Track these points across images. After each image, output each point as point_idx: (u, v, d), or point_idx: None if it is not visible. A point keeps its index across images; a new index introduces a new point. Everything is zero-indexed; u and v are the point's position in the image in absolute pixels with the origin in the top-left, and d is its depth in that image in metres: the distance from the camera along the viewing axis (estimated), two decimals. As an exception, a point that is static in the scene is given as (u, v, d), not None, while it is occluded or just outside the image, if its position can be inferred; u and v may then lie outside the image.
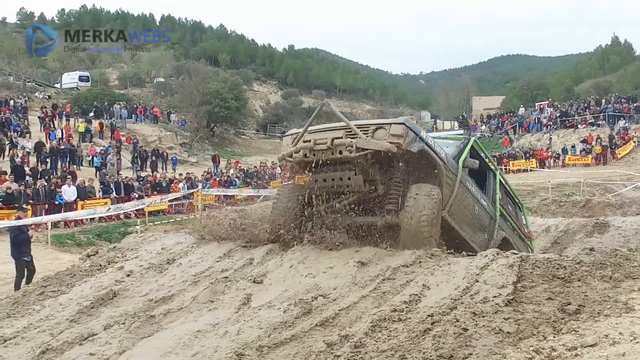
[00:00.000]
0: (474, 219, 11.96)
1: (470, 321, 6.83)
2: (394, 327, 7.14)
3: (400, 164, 10.48)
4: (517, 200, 15.03)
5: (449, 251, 10.03)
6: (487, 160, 13.29)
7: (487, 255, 9.00)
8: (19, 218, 18.75)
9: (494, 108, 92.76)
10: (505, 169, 52.79)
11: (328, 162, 10.15)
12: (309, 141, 10.13)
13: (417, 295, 7.94)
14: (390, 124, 9.99)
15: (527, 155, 57.63)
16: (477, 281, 8.01)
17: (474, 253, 10.48)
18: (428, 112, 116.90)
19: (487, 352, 6.21)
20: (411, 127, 10.06)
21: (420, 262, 9.09)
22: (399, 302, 7.80)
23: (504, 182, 13.94)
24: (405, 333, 6.90)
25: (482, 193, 12.44)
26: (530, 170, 51.72)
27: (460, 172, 11.24)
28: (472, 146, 12.31)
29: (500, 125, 75.06)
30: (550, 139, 62.25)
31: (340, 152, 9.83)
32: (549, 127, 65.77)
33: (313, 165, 10.24)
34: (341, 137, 9.88)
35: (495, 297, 7.37)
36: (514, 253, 9.24)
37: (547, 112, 69.85)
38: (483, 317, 6.91)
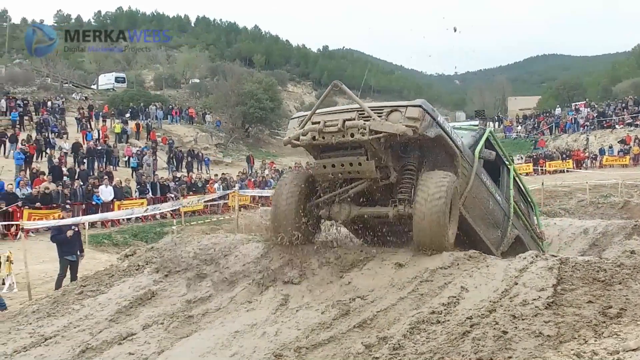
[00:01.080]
0: (488, 215, 11.54)
1: (509, 324, 6.79)
2: (433, 329, 7.11)
3: (415, 149, 9.96)
4: (529, 199, 14.60)
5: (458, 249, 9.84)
6: (501, 153, 12.73)
7: (525, 258, 8.89)
8: (62, 218, 18.99)
9: (530, 108, 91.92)
10: (542, 169, 52.37)
11: (338, 146, 9.46)
12: (318, 123, 9.44)
13: (455, 297, 7.89)
14: (406, 106, 9.36)
15: (564, 156, 57.06)
16: (516, 284, 7.92)
17: (486, 251, 10.59)
18: (463, 113, 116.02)
19: (528, 355, 6.16)
20: (428, 110, 9.41)
21: (458, 264, 8.97)
22: (437, 304, 7.76)
23: (517, 178, 13.50)
24: (444, 335, 6.87)
25: (496, 188, 11.95)
26: (567, 171, 51.22)
27: (476, 163, 10.82)
28: (487, 138, 11.80)
29: (536, 125, 74.46)
30: (587, 139, 61.60)
31: (352, 135, 9.16)
32: (585, 127, 65.07)
33: (321, 149, 9.77)
34: (353, 119, 9.21)
35: (534, 299, 7.30)
36: (553, 255, 9.13)
37: (584, 113, 69.11)
38: (523, 320, 6.85)
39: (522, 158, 59.68)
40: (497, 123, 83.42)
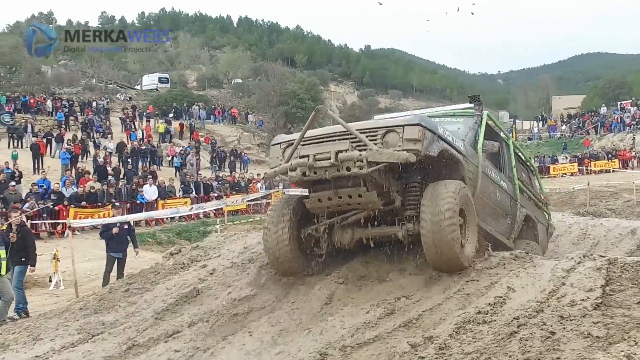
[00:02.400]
0: (497, 207, 10.81)
1: (557, 325, 6.70)
2: (479, 329, 7.04)
3: (417, 164, 8.82)
4: (528, 164, 13.62)
5: None
6: (499, 131, 11.70)
7: (573, 258, 8.78)
8: (113, 215, 19.32)
9: (575, 107, 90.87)
10: (587, 169, 51.74)
11: (333, 179, 8.60)
12: (307, 157, 8.50)
13: (502, 297, 7.79)
14: (403, 125, 8.43)
15: (610, 155, 56.23)
16: (564, 284, 7.81)
17: (498, 244, 10.54)
18: (506, 112, 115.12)
19: (576, 356, 6.07)
20: (428, 126, 8.57)
21: (504, 264, 8.89)
22: (483, 304, 7.67)
23: (516, 150, 12.51)
24: (491, 335, 6.80)
25: (501, 174, 11.12)
26: (613, 171, 50.50)
27: (481, 162, 10.06)
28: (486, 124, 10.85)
29: (581, 125, 73.61)
30: (634, 138, 60.73)
31: (348, 169, 8.27)
32: (632, 126, 64.13)
33: (314, 181, 8.89)
34: (347, 150, 8.30)
35: (583, 300, 7.19)
36: (601, 256, 8.97)
37: (631, 111, 68.12)
38: (571, 320, 6.75)
39: (566, 158, 59.08)
40: (541, 122, 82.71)
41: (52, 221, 26.90)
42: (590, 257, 8.87)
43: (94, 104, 58.92)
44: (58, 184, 30.02)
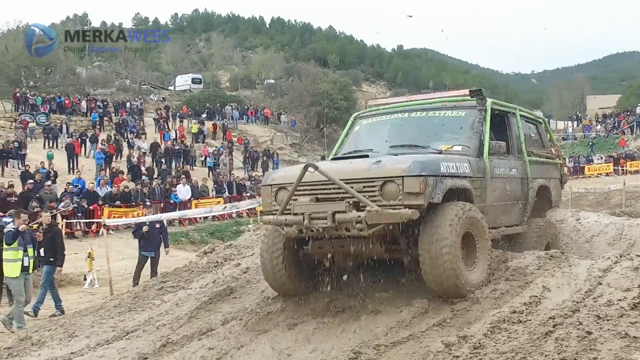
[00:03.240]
0: (508, 200, 9.98)
1: (594, 324, 6.62)
2: (514, 328, 6.98)
3: None
4: (533, 117, 12.00)
5: None
6: (505, 109, 10.51)
7: (610, 258, 8.68)
8: (144, 214, 19.47)
9: (610, 107, 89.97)
10: (622, 169, 51.22)
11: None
12: (302, 214, 7.95)
13: (537, 297, 7.73)
14: (402, 177, 7.65)
15: (646, 155, 55.51)
16: (600, 284, 7.73)
17: (511, 238, 10.35)
18: (540, 112, 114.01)
19: (613, 357, 6.00)
20: (430, 172, 7.78)
21: (539, 263, 8.84)
22: (518, 303, 7.62)
23: (523, 113, 11.20)
24: (526, 335, 6.74)
25: (509, 160, 10.08)
26: (649, 171, 49.98)
27: (488, 171, 9.16)
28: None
29: (616, 124, 72.85)
30: (671, 139, 60.00)
31: (348, 229, 7.78)
32: (669, 126, 63.38)
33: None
34: (344, 211, 7.71)
35: (620, 300, 7.11)
36: (638, 256, 8.81)
37: (668, 111, 67.35)
38: (608, 320, 6.67)
39: (602, 158, 58.52)
40: (575, 122, 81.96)
41: (87, 220, 27.19)
42: (627, 256, 8.76)
43: (128, 104, 59.42)
44: (92, 183, 30.34)
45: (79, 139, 42.12)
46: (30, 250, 13.35)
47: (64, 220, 25.93)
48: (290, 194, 8.09)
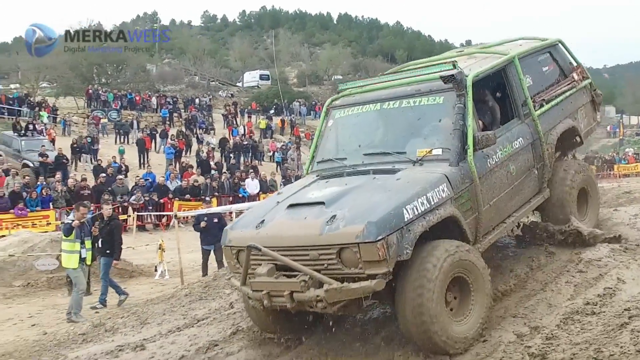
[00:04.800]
0: (516, 181, 8.56)
1: (670, 317, 6.49)
2: (588, 320, 6.89)
3: None
4: (540, 48, 10.10)
5: None
6: (493, 68, 8.79)
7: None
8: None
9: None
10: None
11: None
12: (261, 291, 6.96)
13: (611, 288, 7.62)
14: (357, 244, 6.45)
15: None
16: (677, 276, 7.59)
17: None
18: (613, 107, 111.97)
19: (691, 348, 5.87)
20: (391, 228, 6.53)
21: (613, 255, 8.67)
22: (592, 295, 7.53)
23: (525, 56, 9.47)
24: (600, 327, 6.64)
25: (510, 130, 8.69)
26: None
27: (476, 173, 7.64)
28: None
29: (692, 120, 71.18)
30: None
31: (311, 307, 6.82)
32: None
33: None
34: (301, 291, 6.67)
35: (697, 292, 6.96)
36: None
37: None
38: (684, 312, 6.55)
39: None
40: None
41: (157, 213, 27.64)
42: None
43: (197, 100, 60.17)
44: (163, 177, 30.82)
45: (150, 135, 42.81)
46: (87, 243, 13.57)
47: (135, 213, 26.42)
48: (245, 273, 7.22)
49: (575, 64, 10.58)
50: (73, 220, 13.33)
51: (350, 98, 9.15)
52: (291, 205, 7.41)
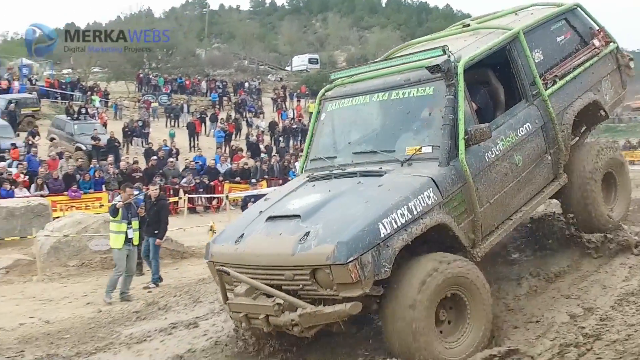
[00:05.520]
0: (523, 172, 7.91)
1: None
2: (642, 302, 6.84)
3: None
4: (554, 15, 9.22)
5: None
6: (494, 47, 8.07)
7: None
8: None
9: None
10: None
11: None
12: (238, 313, 6.80)
13: (668, 271, 7.56)
14: (329, 265, 6.10)
15: None
16: None
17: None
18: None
19: None
20: (364, 247, 6.13)
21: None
22: (647, 277, 7.47)
23: (532, 30, 8.67)
24: (656, 308, 6.60)
25: (513, 116, 8.04)
26: None
27: (469, 175, 7.06)
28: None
29: None
30: None
31: (288, 330, 6.54)
32: None
33: None
34: (275, 315, 6.39)
35: None
36: None
37: None
38: None
39: None
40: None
41: (208, 195, 27.89)
42: None
43: (246, 84, 60.40)
44: (213, 160, 31.08)
45: (199, 118, 43.17)
46: (134, 223, 13.64)
47: (186, 195, 26.68)
48: (223, 292, 7.10)
49: (597, 28, 9.65)
50: (119, 202, 13.50)
51: (342, 89, 8.66)
52: (270, 218, 7.11)
